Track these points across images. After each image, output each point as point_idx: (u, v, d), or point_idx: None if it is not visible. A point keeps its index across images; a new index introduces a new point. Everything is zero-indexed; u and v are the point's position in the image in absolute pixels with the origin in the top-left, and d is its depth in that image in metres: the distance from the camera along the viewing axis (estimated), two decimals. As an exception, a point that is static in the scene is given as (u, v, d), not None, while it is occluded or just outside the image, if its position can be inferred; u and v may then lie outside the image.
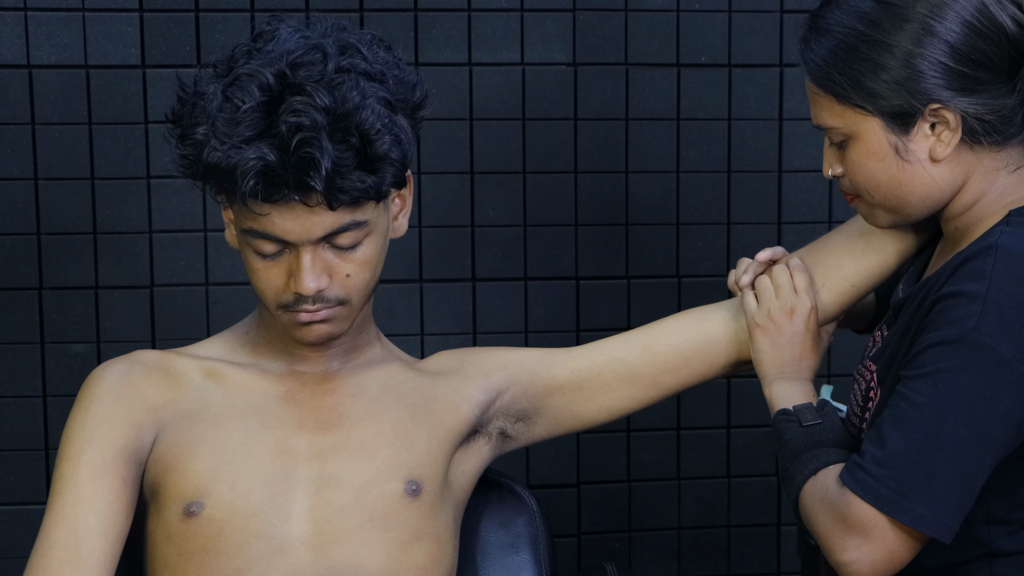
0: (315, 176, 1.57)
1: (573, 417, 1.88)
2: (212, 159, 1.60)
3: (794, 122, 2.96)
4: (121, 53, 2.75)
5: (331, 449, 1.74)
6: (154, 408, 1.73)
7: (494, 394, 1.84)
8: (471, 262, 2.90)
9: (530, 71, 2.88)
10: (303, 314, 1.70)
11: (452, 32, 2.83)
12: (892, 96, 1.62)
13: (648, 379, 1.86)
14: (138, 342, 2.78)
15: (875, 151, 1.65)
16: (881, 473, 1.55)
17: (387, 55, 1.70)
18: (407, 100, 1.70)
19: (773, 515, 3.08)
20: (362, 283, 1.71)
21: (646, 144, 2.93)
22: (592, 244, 2.94)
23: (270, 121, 1.59)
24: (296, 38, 1.64)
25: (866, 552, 1.57)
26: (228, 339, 1.85)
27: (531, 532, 1.92)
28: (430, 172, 2.86)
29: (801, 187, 2.99)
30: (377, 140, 1.60)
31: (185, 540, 1.68)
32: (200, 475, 1.69)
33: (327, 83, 1.60)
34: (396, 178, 1.66)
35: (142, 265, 2.80)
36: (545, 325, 2.91)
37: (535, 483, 2.94)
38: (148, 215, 2.79)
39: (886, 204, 1.70)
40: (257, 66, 1.61)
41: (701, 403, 3.00)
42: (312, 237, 1.64)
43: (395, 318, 2.87)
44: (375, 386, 1.81)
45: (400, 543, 1.71)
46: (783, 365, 1.82)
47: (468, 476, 1.85)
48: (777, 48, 2.94)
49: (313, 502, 1.70)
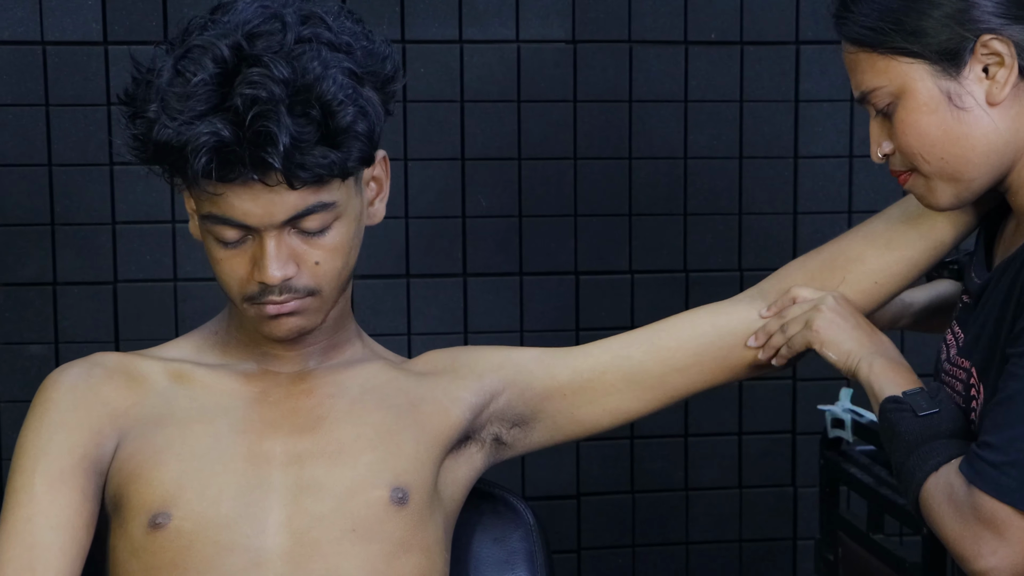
0: (273, 152, 1.56)
1: (574, 422, 1.86)
2: (162, 136, 1.59)
3: (811, 104, 2.96)
4: (81, 28, 2.74)
5: (309, 454, 1.71)
6: (115, 414, 1.71)
7: (487, 397, 1.82)
8: (462, 256, 2.90)
9: (526, 49, 2.88)
10: (270, 306, 1.68)
11: (441, 6, 2.84)
12: (940, 31, 1.59)
13: (656, 378, 1.84)
14: (100, 343, 2.78)
15: (926, 102, 1.62)
16: (1001, 460, 1.51)
17: (355, 25, 1.69)
18: (376, 72, 1.68)
19: (789, 529, 3.08)
20: (333, 271, 1.69)
21: (651, 128, 2.93)
22: (593, 236, 2.93)
23: (224, 94, 1.58)
24: (254, 8, 1.64)
25: (1004, 555, 1.52)
26: (196, 339, 1.84)
27: (527, 548, 1.89)
28: (418, 158, 2.86)
29: (819, 174, 2.98)
30: (340, 112, 1.59)
31: (151, 555, 1.65)
32: (166, 484, 1.66)
33: (286, 54, 1.59)
34: (363, 153, 1.64)
35: (105, 259, 2.79)
36: (542, 324, 2.90)
37: (532, 494, 2.94)
38: (111, 205, 2.78)
39: (945, 169, 1.64)
40: (211, 37, 1.60)
41: (710, 408, 2.99)
42: (275, 220, 1.62)
43: (380, 316, 2.87)
44: (356, 386, 1.78)
45: (385, 555, 1.68)
46: (867, 343, 1.78)
47: (459, 485, 1.82)
48: (793, 24, 2.94)
49: (290, 511, 1.67)
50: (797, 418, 3.03)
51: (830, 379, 3.01)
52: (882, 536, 2.37)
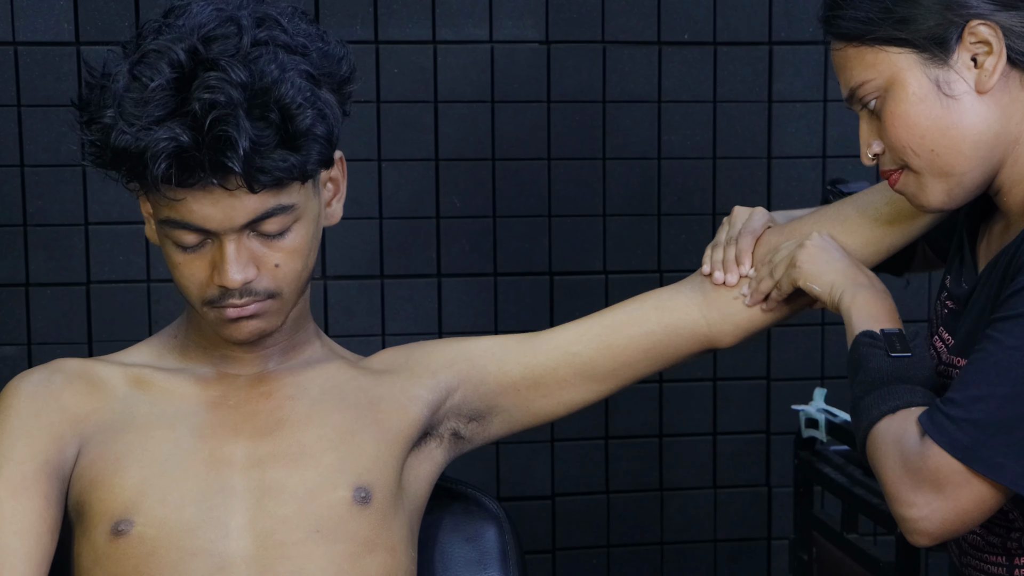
0: (232, 156, 1.55)
1: (530, 414, 1.87)
2: (120, 143, 1.58)
3: (784, 104, 2.97)
4: (53, 28, 2.72)
5: (270, 456, 1.71)
6: (76, 420, 1.71)
7: (444, 393, 1.83)
8: (436, 256, 2.89)
9: (499, 49, 2.87)
10: (230, 309, 1.67)
11: (414, 7, 2.83)
12: (928, 17, 1.58)
13: (607, 372, 1.86)
14: (73, 344, 2.77)
15: (915, 92, 1.60)
16: (960, 416, 1.50)
17: (309, 27, 1.69)
18: (332, 74, 1.68)
19: (763, 529, 3.08)
20: (293, 273, 1.68)
21: (625, 128, 2.93)
22: (567, 237, 2.93)
23: (182, 99, 1.57)
24: (209, 11, 1.63)
25: (936, 508, 1.52)
26: (156, 344, 1.83)
27: (500, 548, 1.88)
28: (391, 159, 2.86)
29: (792, 174, 2.99)
30: (299, 115, 1.58)
31: (115, 562, 1.64)
32: (128, 490, 1.66)
33: (243, 57, 1.59)
34: (322, 156, 1.64)
35: (77, 260, 2.78)
36: (516, 324, 2.87)
37: (506, 495, 2.94)
38: (84, 206, 2.77)
39: (936, 163, 1.62)
40: (166, 42, 1.60)
41: (685, 408, 3.01)
42: (235, 224, 1.62)
43: (354, 317, 2.86)
44: (315, 387, 1.78)
45: (350, 555, 1.68)
46: (852, 275, 1.77)
47: (422, 482, 1.82)
48: (766, 24, 2.95)
49: (254, 514, 1.67)
50: (771, 418, 3.03)
51: (804, 379, 3.03)
52: (856, 536, 2.38)
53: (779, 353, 3.00)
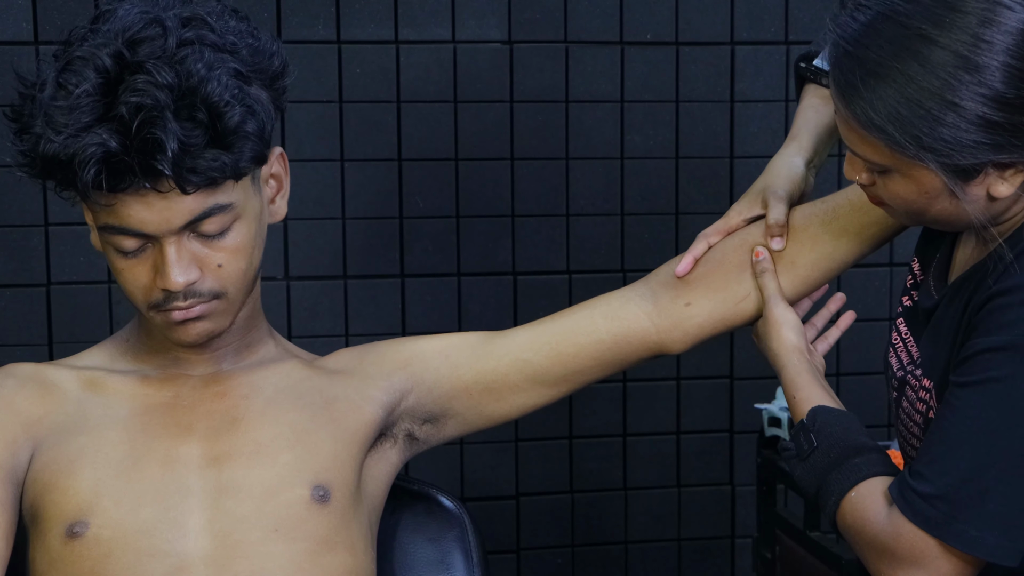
0: (162, 159, 1.55)
1: (484, 417, 1.89)
2: (48, 151, 1.58)
3: (746, 104, 2.97)
4: (11, 28, 2.71)
5: (226, 455, 1.71)
6: (29, 423, 1.71)
7: (398, 395, 1.84)
8: (399, 257, 2.89)
9: (462, 49, 2.87)
10: (176, 312, 1.68)
11: (377, 7, 2.82)
12: (961, 157, 1.48)
13: (558, 378, 1.87)
14: (34, 346, 2.76)
15: (927, 191, 1.53)
16: (930, 492, 1.49)
17: (239, 24, 1.69)
18: (263, 70, 1.67)
19: (727, 527, 3.08)
20: (237, 273, 1.69)
21: (588, 128, 2.92)
22: (530, 236, 2.93)
23: (108, 104, 1.57)
24: (135, 14, 1.63)
25: None
26: (109, 347, 1.84)
27: (463, 548, 1.89)
28: (354, 159, 2.85)
29: (754, 174, 2.91)
30: (227, 113, 1.58)
31: (70, 565, 1.64)
32: (82, 492, 1.66)
33: (169, 58, 1.58)
34: (255, 153, 1.64)
35: (37, 261, 2.76)
36: (480, 324, 2.85)
37: (471, 495, 2.93)
38: (44, 206, 2.75)
39: (915, 222, 1.63)
40: (92, 47, 1.60)
41: (649, 408, 3.00)
42: (172, 227, 1.62)
43: (317, 318, 2.85)
44: (270, 386, 1.79)
45: (310, 553, 1.68)
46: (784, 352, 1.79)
47: (379, 482, 1.84)
48: (728, 24, 2.95)
49: (211, 514, 1.67)
50: (734, 417, 3.03)
51: (767, 378, 3.01)
52: (819, 534, 2.38)
53: (742, 352, 2.99)
